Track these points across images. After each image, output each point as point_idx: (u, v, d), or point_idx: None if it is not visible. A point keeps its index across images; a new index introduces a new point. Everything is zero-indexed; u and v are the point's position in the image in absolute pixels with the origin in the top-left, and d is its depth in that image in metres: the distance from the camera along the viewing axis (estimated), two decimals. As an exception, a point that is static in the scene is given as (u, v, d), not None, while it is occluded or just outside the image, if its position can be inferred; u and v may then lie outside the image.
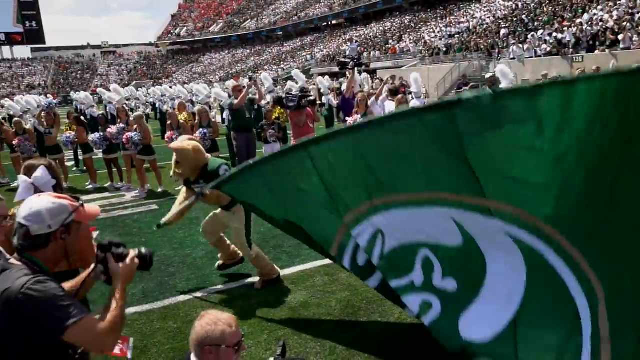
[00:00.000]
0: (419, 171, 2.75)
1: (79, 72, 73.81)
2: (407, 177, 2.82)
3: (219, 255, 5.16)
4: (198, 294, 4.65)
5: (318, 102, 15.53)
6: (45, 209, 1.78)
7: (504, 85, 8.29)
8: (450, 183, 2.66)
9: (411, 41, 38.27)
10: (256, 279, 4.83)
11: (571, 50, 21.92)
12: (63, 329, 1.64)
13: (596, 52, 20.69)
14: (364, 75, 13.08)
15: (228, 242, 5.05)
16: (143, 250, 1.99)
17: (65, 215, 1.81)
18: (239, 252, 4.93)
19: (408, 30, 41.98)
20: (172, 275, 5.13)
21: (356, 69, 13.47)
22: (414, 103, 10.20)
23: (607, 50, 20.18)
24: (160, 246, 5.73)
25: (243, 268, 5.13)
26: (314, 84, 21.37)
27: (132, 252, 1.94)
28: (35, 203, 1.80)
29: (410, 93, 10.48)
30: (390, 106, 8.10)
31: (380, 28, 47.33)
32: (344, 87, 11.81)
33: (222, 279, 4.96)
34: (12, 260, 1.77)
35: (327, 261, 5.12)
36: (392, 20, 47.54)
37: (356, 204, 3.13)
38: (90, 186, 9.87)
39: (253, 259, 4.71)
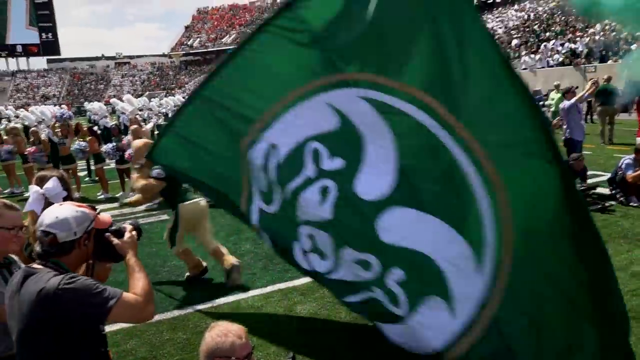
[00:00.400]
0: (292, 71, 3.05)
1: (93, 82, 74.73)
2: (282, 80, 3.10)
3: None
4: (208, 305, 4.64)
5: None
6: (72, 217, 1.88)
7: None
8: (314, 71, 2.95)
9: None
10: (267, 289, 4.84)
11: (584, 60, 21.78)
12: (106, 311, 1.77)
13: (609, 62, 20.53)
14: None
15: (193, 254, 5.25)
16: (131, 222, 2.20)
17: (87, 223, 1.93)
18: (203, 262, 5.26)
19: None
20: (182, 286, 5.13)
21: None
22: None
23: (619, 61, 20.03)
24: (170, 257, 5.74)
25: (254, 279, 5.12)
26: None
27: (127, 225, 2.14)
28: (61, 212, 1.89)
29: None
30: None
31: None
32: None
33: (231, 290, 4.95)
34: (35, 265, 1.86)
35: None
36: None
37: (249, 128, 3.32)
38: (102, 196, 9.95)
39: (179, 253, 5.12)
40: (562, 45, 23.84)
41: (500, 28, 33.62)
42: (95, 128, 14.02)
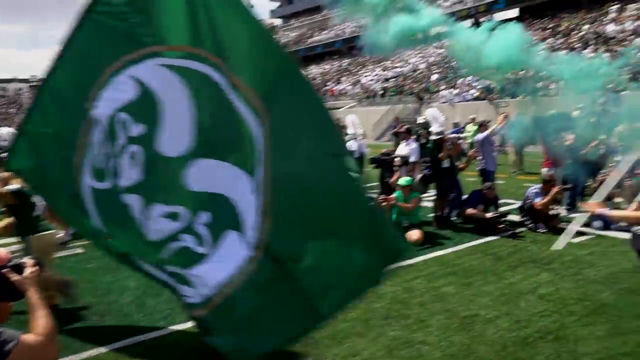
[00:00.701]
0: (105, 51, 3.25)
1: (4, 106, 70.10)
2: (98, 62, 3.26)
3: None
4: (124, 343, 4.39)
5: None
6: None
7: (434, 128, 8.68)
8: (121, 49, 3.19)
9: (349, 84, 39.50)
10: (186, 325, 4.65)
11: (497, 95, 23.41)
12: (4, 356, 1.65)
13: (518, 98, 22.19)
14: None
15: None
16: (28, 258, 2.09)
17: None
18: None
19: (346, 73, 43.35)
20: (96, 325, 4.83)
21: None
22: (350, 145, 10.42)
23: (529, 97, 21.68)
24: (83, 293, 5.39)
25: (172, 315, 4.91)
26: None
27: (27, 260, 2.02)
28: None
29: (347, 134, 10.71)
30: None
31: (320, 70, 48.58)
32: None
33: (150, 327, 4.72)
34: None
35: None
36: (331, 63, 48.97)
37: (81, 120, 3.37)
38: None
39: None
40: (477, 80, 25.52)
41: (422, 63, 35.51)
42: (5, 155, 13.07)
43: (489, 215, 7.84)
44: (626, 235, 7.15)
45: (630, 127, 3.43)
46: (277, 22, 61.93)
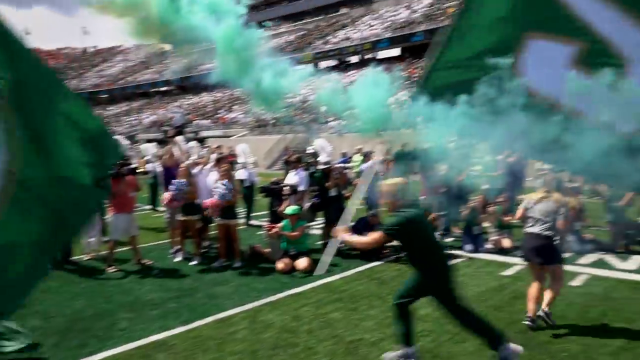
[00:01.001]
0: None
1: None
2: None
3: None
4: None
5: (143, 169, 14.87)
6: None
7: (322, 158, 8.98)
8: None
9: (241, 112, 39.49)
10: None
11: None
12: None
13: (402, 130, 23.70)
14: (192, 143, 12.98)
15: None
16: None
17: None
18: None
19: (238, 102, 43.35)
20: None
21: (182, 136, 13.35)
22: (240, 173, 10.40)
23: (410, 130, 23.25)
24: None
25: None
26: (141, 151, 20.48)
27: None
28: None
29: (237, 163, 10.68)
30: (214, 176, 8.12)
31: (211, 98, 48.04)
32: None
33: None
34: None
35: (149, 340, 4.78)
36: (223, 91, 48.68)
37: None
38: None
39: None
40: (363, 113, 26.88)
41: (312, 95, 36.63)
42: None
43: (374, 241, 8.21)
44: (494, 257, 7.91)
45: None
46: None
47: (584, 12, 3.65)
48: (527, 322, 5.02)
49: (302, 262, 7.30)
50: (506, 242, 8.31)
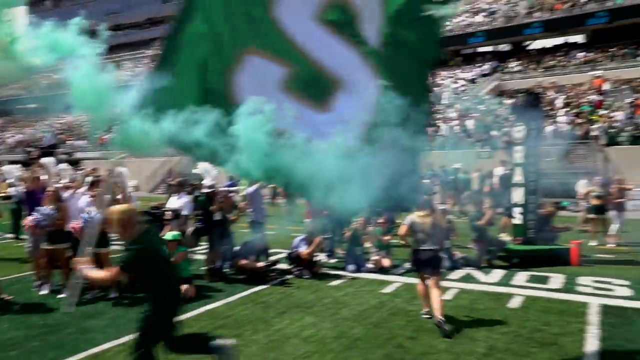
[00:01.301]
0: None
1: None
2: None
3: None
4: None
5: (4, 193, 13.42)
6: None
7: (206, 181, 8.79)
8: None
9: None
10: None
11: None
12: None
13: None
14: (63, 165, 11.89)
15: None
16: None
17: None
18: None
19: (118, 122, 40.91)
20: None
21: (53, 158, 12.30)
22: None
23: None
24: None
25: None
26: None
27: None
28: None
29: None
30: (86, 200, 7.56)
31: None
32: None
33: None
34: None
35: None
36: (100, 111, 45.70)
37: None
38: None
39: None
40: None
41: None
42: None
43: (260, 264, 8.18)
44: (375, 276, 8.27)
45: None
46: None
47: (299, 34, 3.85)
48: (424, 316, 6.09)
49: (183, 290, 7.01)
50: (386, 262, 8.73)
